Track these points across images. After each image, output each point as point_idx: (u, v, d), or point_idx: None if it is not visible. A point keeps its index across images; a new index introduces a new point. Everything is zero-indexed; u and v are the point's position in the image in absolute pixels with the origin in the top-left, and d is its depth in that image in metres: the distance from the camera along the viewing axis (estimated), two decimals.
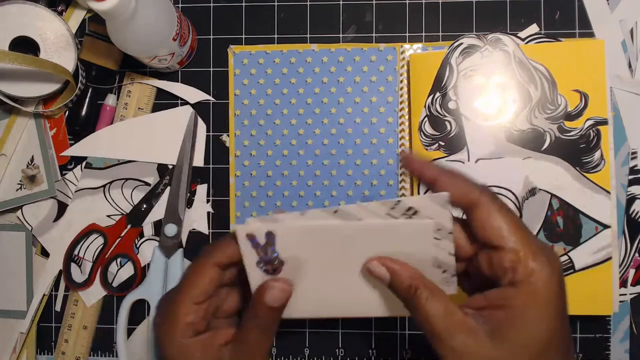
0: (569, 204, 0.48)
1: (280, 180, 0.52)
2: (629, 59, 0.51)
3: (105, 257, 0.52)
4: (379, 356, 0.52)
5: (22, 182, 0.53)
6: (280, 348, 0.52)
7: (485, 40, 0.49)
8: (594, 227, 0.47)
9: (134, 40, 0.43)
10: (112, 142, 0.52)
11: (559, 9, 0.51)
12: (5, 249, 0.53)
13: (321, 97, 0.52)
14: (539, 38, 0.50)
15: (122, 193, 0.53)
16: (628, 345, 0.50)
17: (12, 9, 0.49)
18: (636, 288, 0.50)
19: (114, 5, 0.38)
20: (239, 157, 0.52)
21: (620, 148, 0.50)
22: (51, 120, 0.53)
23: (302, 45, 0.52)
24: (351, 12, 0.52)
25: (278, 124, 0.52)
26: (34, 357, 0.53)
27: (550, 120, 0.48)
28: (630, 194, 0.50)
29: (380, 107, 0.52)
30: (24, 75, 0.49)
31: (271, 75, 0.52)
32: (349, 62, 0.52)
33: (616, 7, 0.51)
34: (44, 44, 0.49)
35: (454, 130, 0.49)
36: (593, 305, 0.47)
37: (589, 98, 0.48)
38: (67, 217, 0.53)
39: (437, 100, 0.49)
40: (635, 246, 0.50)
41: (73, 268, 0.52)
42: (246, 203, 0.52)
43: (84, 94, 0.52)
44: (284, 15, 0.53)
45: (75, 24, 0.53)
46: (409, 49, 0.52)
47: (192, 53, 0.52)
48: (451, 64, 0.49)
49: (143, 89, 0.53)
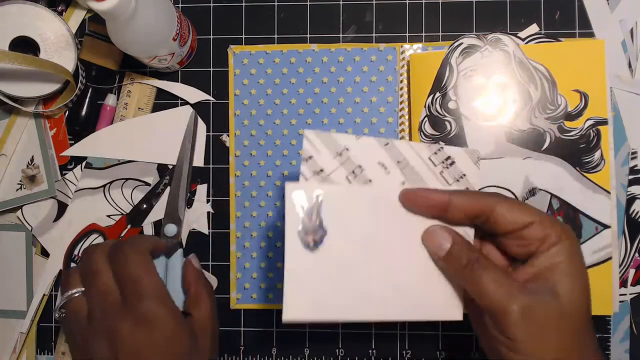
0: (569, 204, 0.48)
1: (280, 180, 0.52)
2: (629, 59, 0.51)
3: None
4: (379, 356, 0.52)
5: (22, 182, 0.53)
6: (280, 348, 0.52)
7: (485, 40, 0.49)
8: (594, 227, 0.47)
9: (134, 40, 0.43)
10: (112, 142, 0.52)
11: (559, 9, 0.51)
12: (5, 249, 0.53)
13: (321, 97, 0.52)
14: (539, 38, 0.50)
15: (122, 193, 0.53)
16: (628, 345, 0.50)
17: (12, 9, 0.49)
18: (636, 288, 0.50)
19: (114, 5, 0.38)
20: (239, 157, 0.53)
21: (620, 148, 0.50)
22: (51, 120, 0.53)
23: (302, 45, 0.52)
24: (351, 12, 0.52)
25: (278, 124, 0.52)
26: (34, 357, 0.53)
27: (550, 120, 0.48)
28: (630, 194, 0.50)
29: (380, 107, 0.52)
30: (24, 75, 0.49)
31: (271, 75, 0.52)
32: (349, 62, 0.52)
33: (616, 7, 0.51)
34: (44, 44, 0.49)
35: (454, 130, 0.49)
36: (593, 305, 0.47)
37: (589, 98, 0.48)
38: (67, 217, 0.53)
39: (437, 100, 0.49)
40: (635, 246, 0.50)
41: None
42: (246, 203, 0.52)
43: (84, 94, 0.52)
44: (284, 15, 0.53)
45: (75, 24, 0.53)
46: (409, 49, 0.52)
47: (192, 53, 0.52)
48: (451, 64, 0.49)
49: (143, 89, 0.53)
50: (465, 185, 0.38)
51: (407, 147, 0.37)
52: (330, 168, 0.35)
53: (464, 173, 0.38)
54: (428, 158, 0.37)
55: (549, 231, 0.34)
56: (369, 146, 0.36)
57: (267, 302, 0.52)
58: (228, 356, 0.52)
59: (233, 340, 0.52)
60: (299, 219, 0.34)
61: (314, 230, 0.34)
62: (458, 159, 0.38)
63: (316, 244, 0.34)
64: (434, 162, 0.37)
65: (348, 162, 0.36)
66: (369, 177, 0.36)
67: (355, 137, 0.36)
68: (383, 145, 0.36)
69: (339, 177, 0.36)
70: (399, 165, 0.37)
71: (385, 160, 0.37)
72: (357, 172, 0.36)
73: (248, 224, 0.52)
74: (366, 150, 0.36)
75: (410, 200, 0.36)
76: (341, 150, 0.36)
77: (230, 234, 0.52)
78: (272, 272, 0.52)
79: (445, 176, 0.38)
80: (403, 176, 0.37)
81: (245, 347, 0.52)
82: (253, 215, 0.52)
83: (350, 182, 0.36)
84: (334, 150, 0.36)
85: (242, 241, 0.52)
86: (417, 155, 0.37)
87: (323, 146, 0.35)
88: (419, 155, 0.37)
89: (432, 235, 0.36)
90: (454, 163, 0.37)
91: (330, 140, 0.36)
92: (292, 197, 0.34)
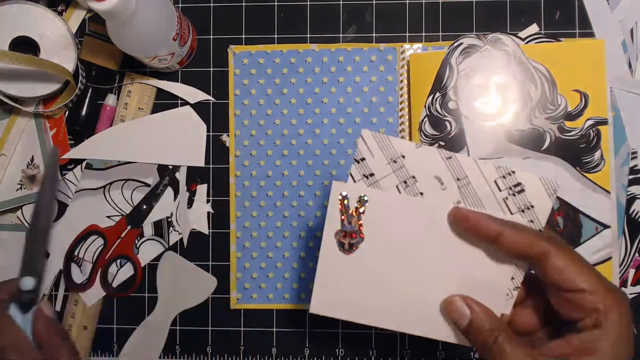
0: (569, 204, 0.48)
1: (280, 180, 0.52)
2: (629, 59, 0.51)
3: (106, 259, 0.52)
4: (379, 356, 0.52)
5: (22, 182, 0.53)
6: (280, 348, 0.52)
7: (485, 40, 0.49)
8: (594, 227, 0.47)
9: (134, 40, 0.43)
10: (112, 144, 0.52)
11: (559, 9, 0.51)
12: (5, 249, 0.53)
13: (321, 97, 0.52)
14: (539, 38, 0.50)
15: (122, 194, 0.53)
16: None
17: (12, 9, 0.49)
18: (636, 288, 0.50)
19: (114, 5, 0.38)
20: (239, 157, 0.52)
21: (620, 148, 0.50)
22: (51, 120, 0.53)
23: (302, 45, 0.52)
24: (351, 12, 0.52)
25: (278, 124, 0.52)
26: None
27: (550, 120, 0.48)
28: (630, 194, 0.50)
29: (380, 107, 0.52)
30: (24, 75, 0.49)
31: (271, 75, 0.52)
32: (349, 62, 0.52)
33: (616, 7, 0.51)
34: (44, 44, 0.49)
35: (454, 130, 0.49)
36: None
37: (589, 98, 0.48)
38: (67, 217, 0.53)
39: (437, 100, 0.49)
40: (635, 246, 0.50)
41: (73, 269, 0.52)
42: (246, 203, 0.52)
43: (84, 94, 0.52)
44: (284, 15, 0.53)
45: (75, 24, 0.53)
46: (409, 49, 0.52)
47: (192, 53, 0.52)
48: (451, 63, 0.49)
49: (143, 89, 0.53)
50: (531, 217, 0.34)
51: (472, 165, 0.34)
52: (382, 174, 0.34)
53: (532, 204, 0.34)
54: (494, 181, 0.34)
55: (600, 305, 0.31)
56: (428, 157, 0.34)
57: (267, 302, 0.52)
58: (228, 356, 0.52)
59: (233, 340, 0.52)
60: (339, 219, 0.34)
61: (351, 233, 0.34)
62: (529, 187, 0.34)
63: (352, 247, 0.34)
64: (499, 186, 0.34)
65: (402, 170, 0.34)
66: (421, 189, 0.34)
67: (416, 145, 0.34)
68: (445, 158, 0.34)
69: (389, 184, 0.34)
70: (458, 182, 0.34)
71: (444, 175, 0.34)
72: (409, 183, 0.34)
73: (248, 224, 0.52)
74: (424, 161, 0.34)
75: (460, 221, 0.34)
76: (397, 157, 0.34)
77: (230, 234, 0.52)
78: (272, 272, 0.52)
79: (509, 204, 0.34)
80: (460, 195, 0.34)
81: (245, 347, 0.52)
82: (253, 215, 0.52)
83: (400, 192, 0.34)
84: (389, 156, 0.34)
85: (242, 241, 0.52)
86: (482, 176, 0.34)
87: (378, 149, 0.34)
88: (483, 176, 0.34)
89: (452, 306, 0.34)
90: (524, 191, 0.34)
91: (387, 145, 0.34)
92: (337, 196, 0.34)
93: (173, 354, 0.52)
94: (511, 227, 0.33)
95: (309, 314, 0.41)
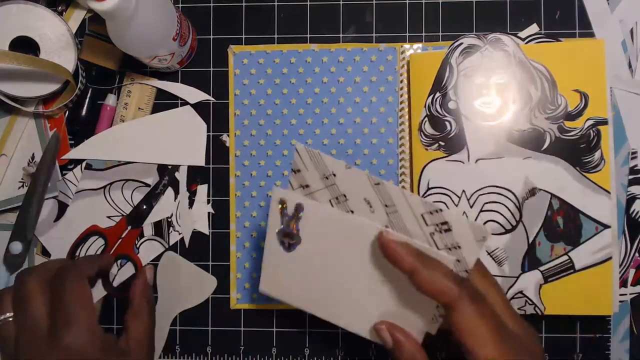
0: (569, 204, 0.48)
1: (280, 180, 0.52)
2: (629, 59, 0.51)
3: None
4: (379, 356, 0.52)
5: (23, 180, 0.53)
6: (280, 348, 0.52)
7: (485, 40, 0.49)
8: (594, 227, 0.47)
9: (134, 40, 0.43)
10: (111, 144, 0.52)
11: (559, 9, 0.51)
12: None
13: (321, 97, 0.52)
14: (539, 38, 0.50)
15: (122, 194, 0.53)
16: (628, 345, 0.50)
17: (12, 9, 0.49)
18: (636, 288, 0.50)
19: (114, 5, 0.38)
20: (239, 157, 0.53)
21: (620, 148, 0.50)
22: (51, 120, 0.53)
23: (302, 45, 0.52)
24: (351, 12, 0.52)
25: (278, 124, 0.52)
26: None
27: (551, 120, 0.48)
28: (630, 194, 0.50)
29: (380, 107, 0.52)
30: (24, 75, 0.49)
31: (271, 75, 0.52)
32: (349, 62, 0.52)
33: (616, 7, 0.51)
34: (44, 44, 0.49)
35: (454, 130, 0.49)
36: (593, 305, 0.47)
37: (589, 98, 0.48)
38: (67, 217, 0.53)
39: (437, 100, 0.49)
40: (635, 246, 0.50)
41: None
42: (246, 203, 0.52)
43: (84, 94, 0.52)
44: (284, 15, 0.53)
45: (75, 24, 0.53)
46: (409, 49, 0.52)
47: (192, 53, 0.52)
48: (451, 64, 0.49)
49: (143, 89, 0.53)
50: (457, 257, 0.34)
51: (399, 195, 0.34)
52: (316, 187, 0.36)
53: (460, 245, 0.34)
54: (420, 215, 0.34)
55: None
56: (357, 179, 0.35)
57: (267, 302, 0.52)
58: (228, 356, 0.52)
59: (233, 340, 0.52)
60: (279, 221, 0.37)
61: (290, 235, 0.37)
62: (457, 229, 0.33)
63: (291, 246, 0.38)
64: (426, 220, 0.34)
65: (333, 187, 0.35)
66: (352, 208, 0.35)
67: (345, 166, 0.35)
68: (373, 184, 0.34)
69: (323, 198, 0.36)
70: (386, 209, 0.35)
71: (373, 200, 0.35)
72: (341, 200, 0.36)
73: (248, 224, 0.52)
74: (354, 183, 0.35)
75: (380, 247, 0.35)
76: (328, 174, 0.35)
77: (230, 234, 0.52)
78: None
79: (436, 239, 0.34)
80: (388, 221, 0.35)
81: (245, 347, 0.52)
82: (253, 215, 0.52)
83: (332, 206, 0.36)
84: (322, 172, 0.35)
85: (242, 241, 0.52)
86: (409, 207, 0.34)
87: (311, 165, 0.35)
88: (410, 208, 0.34)
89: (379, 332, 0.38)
90: (450, 230, 0.33)
91: (319, 161, 0.35)
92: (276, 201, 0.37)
93: (173, 354, 0.52)
94: (426, 266, 0.33)
95: (309, 315, 0.41)
